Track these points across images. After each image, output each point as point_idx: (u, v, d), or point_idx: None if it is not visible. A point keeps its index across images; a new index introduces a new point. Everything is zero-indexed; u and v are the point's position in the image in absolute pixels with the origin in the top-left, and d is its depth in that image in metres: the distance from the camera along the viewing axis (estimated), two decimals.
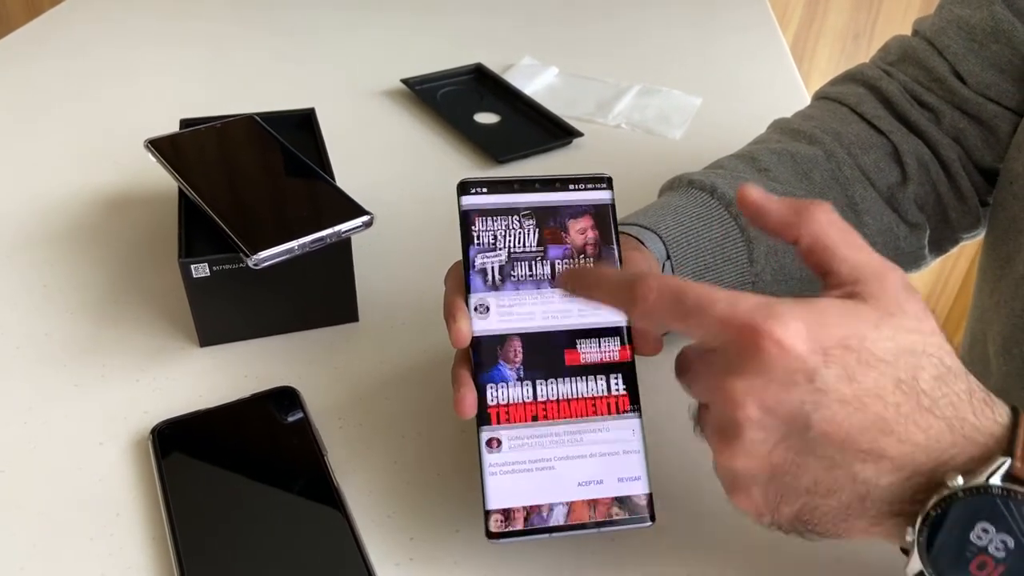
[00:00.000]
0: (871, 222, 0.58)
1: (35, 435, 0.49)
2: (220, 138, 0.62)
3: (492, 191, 0.44)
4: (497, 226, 0.44)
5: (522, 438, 0.41)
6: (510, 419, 0.41)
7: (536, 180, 0.45)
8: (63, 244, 0.65)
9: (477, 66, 0.94)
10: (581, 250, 0.44)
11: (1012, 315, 0.56)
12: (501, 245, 0.44)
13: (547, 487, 0.40)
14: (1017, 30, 0.57)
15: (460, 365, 0.43)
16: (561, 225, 0.44)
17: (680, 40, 1.08)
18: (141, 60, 0.96)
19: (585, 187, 0.45)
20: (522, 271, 0.44)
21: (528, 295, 0.43)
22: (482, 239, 0.44)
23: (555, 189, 0.45)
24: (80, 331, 0.57)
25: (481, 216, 0.44)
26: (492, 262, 0.44)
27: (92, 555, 0.43)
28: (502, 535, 0.39)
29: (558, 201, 0.45)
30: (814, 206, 0.35)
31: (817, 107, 0.65)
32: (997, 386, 0.59)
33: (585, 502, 0.40)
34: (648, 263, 0.50)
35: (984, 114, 0.59)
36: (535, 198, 0.45)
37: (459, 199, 0.44)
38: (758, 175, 0.58)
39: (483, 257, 0.44)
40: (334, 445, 0.49)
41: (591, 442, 0.41)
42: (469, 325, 0.42)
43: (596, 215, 0.45)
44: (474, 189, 0.44)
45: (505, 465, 0.40)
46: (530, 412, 0.41)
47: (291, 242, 0.50)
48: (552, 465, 0.41)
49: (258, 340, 0.56)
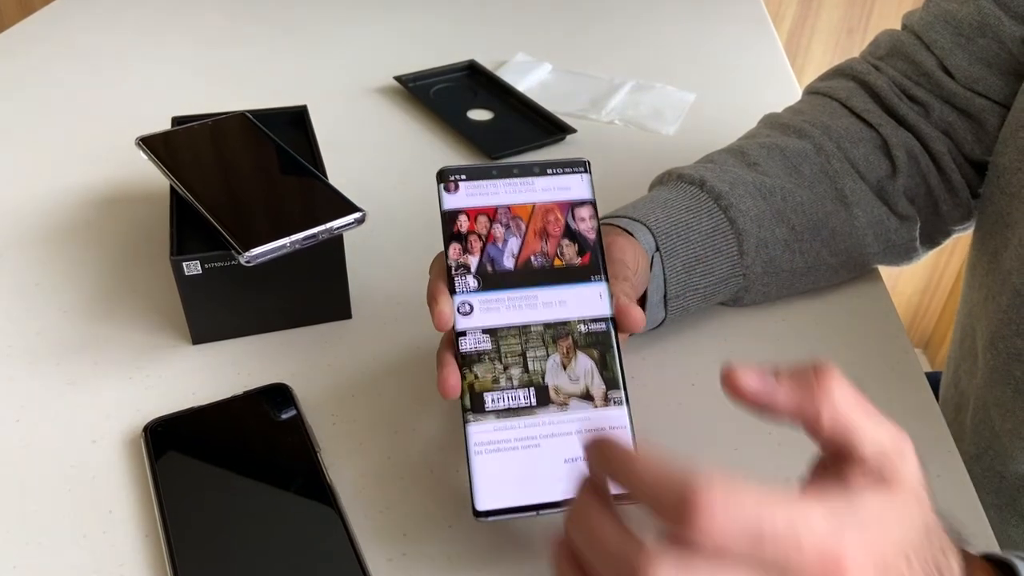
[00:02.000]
0: (861, 214, 0.58)
1: (28, 433, 0.49)
2: (212, 136, 0.62)
3: (471, 177, 0.45)
4: (479, 223, 0.44)
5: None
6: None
7: (514, 166, 0.46)
8: (55, 242, 0.65)
9: (470, 63, 0.94)
10: (560, 239, 0.45)
11: (998, 310, 0.56)
12: (482, 238, 0.44)
13: (533, 465, 0.40)
14: (1003, 24, 0.57)
15: (445, 348, 0.43)
16: (542, 214, 0.45)
17: (673, 36, 1.08)
18: (133, 58, 0.95)
19: (563, 171, 0.46)
20: (504, 265, 0.44)
21: (509, 292, 0.43)
22: (463, 234, 0.44)
23: (533, 174, 0.46)
24: (72, 329, 0.57)
25: (462, 213, 0.45)
26: (473, 257, 0.44)
27: (85, 553, 0.43)
28: (488, 513, 0.39)
29: (536, 189, 0.45)
30: (826, 380, 0.31)
31: (807, 102, 0.66)
32: (983, 380, 0.59)
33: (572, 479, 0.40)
34: (634, 251, 0.50)
35: (972, 108, 0.59)
36: (513, 184, 0.45)
37: (439, 188, 0.45)
38: (748, 169, 0.58)
39: (465, 252, 0.44)
40: (327, 441, 0.49)
41: (577, 420, 0.41)
42: (451, 308, 0.43)
43: (574, 201, 0.45)
44: (453, 176, 0.45)
45: (490, 444, 0.40)
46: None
47: (283, 239, 0.50)
48: (537, 443, 0.40)
49: (251, 337, 0.56)
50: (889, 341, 0.59)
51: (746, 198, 0.55)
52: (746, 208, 0.55)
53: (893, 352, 0.58)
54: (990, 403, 0.59)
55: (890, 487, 0.30)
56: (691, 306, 0.55)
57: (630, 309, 0.43)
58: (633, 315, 0.43)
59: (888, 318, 0.61)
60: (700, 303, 0.56)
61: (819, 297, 0.62)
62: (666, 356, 0.56)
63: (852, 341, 0.59)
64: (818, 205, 0.57)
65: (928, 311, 1.93)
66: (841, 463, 0.31)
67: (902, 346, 0.58)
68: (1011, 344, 0.55)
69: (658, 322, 0.54)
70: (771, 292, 0.59)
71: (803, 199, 0.57)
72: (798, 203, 0.57)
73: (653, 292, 0.53)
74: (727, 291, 0.57)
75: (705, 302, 0.56)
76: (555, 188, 0.46)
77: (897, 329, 0.60)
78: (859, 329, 0.60)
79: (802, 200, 0.57)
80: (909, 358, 0.57)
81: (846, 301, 0.62)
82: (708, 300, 0.56)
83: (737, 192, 0.55)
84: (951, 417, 0.63)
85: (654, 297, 0.53)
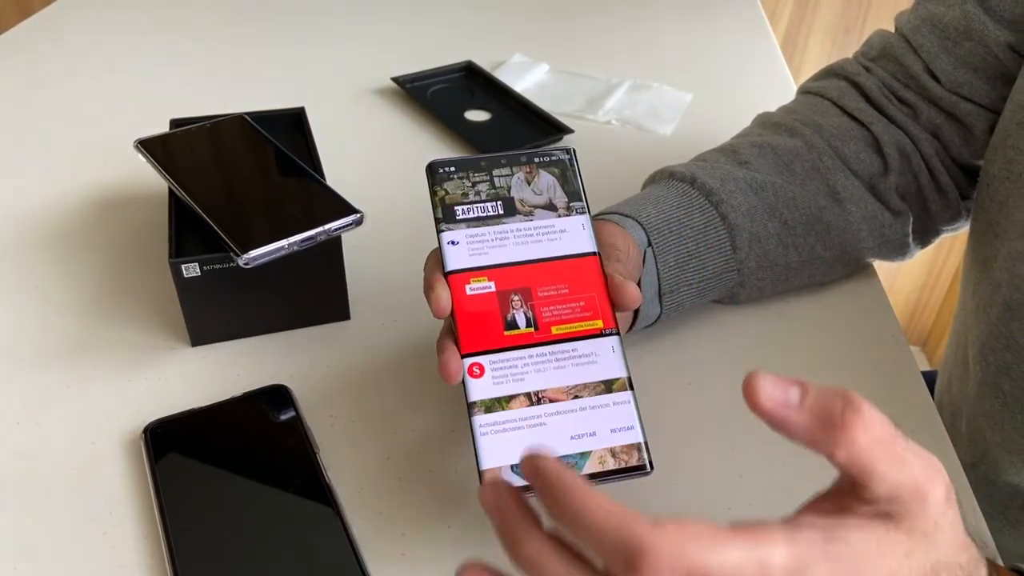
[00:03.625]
0: (855, 210, 0.59)
1: (28, 435, 0.50)
2: (210, 138, 0.62)
3: (460, 169, 0.46)
4: (470, 210, 0.45)
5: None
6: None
7: (502, 156, 0.46)
8: (54, 245, 0.65)
9: (467, 63, 0.94)
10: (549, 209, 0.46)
11: (988, 321, 0.57)
12: (473, 222, 0.45)
13: (538, 443, 0.40)
14: (988, 29, 0.57)
15: (444, 336, 0.43)
16: (528, 188, 0.46)
17: (670, 36, 1.09)
18: (131, 60, 0.96)
19: (549, 159, 0.47)
20: (494, 245, 0.45)
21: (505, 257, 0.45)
22: (455, 219, 0.45)
23: (520, 164, 0.46)
24: (72, 331, 0.57)
25: (453, 202, 0.45)
26: (465, 237, 0.45)
27: (85, 554, 0.43)
28: None
29: (520, 173, 0.46)
30: (852, 423, 0.28)
31: (800, 101, 0.66)
32: (974, 391, 0.59)
33: (579, 455, 0.40)
34: (625, 238, 0.50)
35: (958, 111, 0.60)
36: (502, 173, 0.46)
37: (429, 181, 0.46)
38: (739, 167, 0.58)
39: (456, 235, 0.45)
40: (326, 442, 0.49)
41: (582, 406, 0.41)
42: (448, 294, 0.43)
43: (560, 175, 0.47)
44: (442, 169, 0.46)
45: (495, 424, 0.40)
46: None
47: (281, 241, 0.50)
48: (543, 421, 0.41)
49: (249, 339, 0.57)
50: (885, 341, 0.59)
51: (737, 194, 0.56)
52: (737, 203, 0.55)
53: (889, 352, 0.58)
54: (980, 414, 0.59)
55: (891, 524, 0.29)
56: (685, 301, 0.55)
57: (625, 285, 0.43)
58: (629, 291, 0.43)
59: (885, 318, 0.61)
60: (695, 298, 0.56)
61: (815, 296, 0.62)
62: (662, 355, 0.56)
63: (848, 341, 0.59)
64: (810, 201, 0.58)
65: (927, 308, 1.93)
66: (852, 493, 0.30)
67: (899, 346, 0.59)
68: (1000, 357, 0.55)
69: (653, 319, 0.55)
70: (766, 288, 0.59)
71: (795, 195, 0.57)
72: (790, 198, 0.57)
73: (647, 288, 0.53)
74: (722, 287, 0.57)
75: (700, 297, 0.56)
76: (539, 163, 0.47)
77: (894, 329, 0.60)
78: (855, 328, 0.60)
79: (794, 196, 0.57)
80: (906, 358, 0.57)
81: (842, 300, 0.62)
82: (703, 296, 0.56)
83: (728, 188, 0.56)
84: (948, 423, 0.64)
85: (648, 293, 0.53)
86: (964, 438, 0.62)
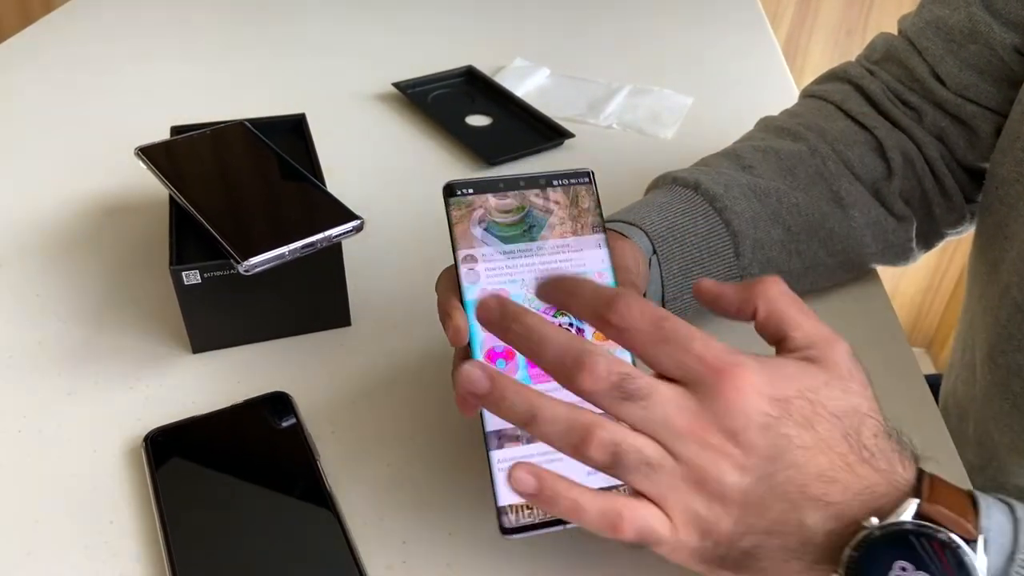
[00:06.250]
0: (858, 215, 0.58)
1: (29, 443, 0.50)
2: (211, 145, 0.62)
3: (478, 191, 0.45)
4: (487, 232, 0.44)
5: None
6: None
7: (520, 178, 0.46)
8: (55, 253, 0.65)
9: (468, 68, 0.94)
10: (564, 239, 0.45)
11: (997, 324, 0.56)
12: (490, 244, 0.44)
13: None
14: (993, 31, 0.57)
15: (460, 361, 0.43)
16: (547, 214, 0.45)
17: (671, 40, 1.09)
18: (132, 67, 0.96)
19: (568, 182, 0.46)
20: (514, 269, 0.44)
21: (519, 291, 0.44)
22: (471, 241, 0.44)
23: (539, 186, 0.46)
24: (73, 339, 0.57)
25: (470, 221, 0.44)
26: (482, 265, 0.44)
27: (86, 562, 0.43)
28: (516, 530, 0.39)
29: (539, 194, 0.46)
30: (764, 281, 0.38)
31: (803, 105, 0.66)
32: (982, 393, 0.59)
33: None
34: (634, 254, 0.50)
35: (963, 114, 0.59)
36: (518, 195, 0.46)
37: (446, 202, 0.45)
38: (742, 172, 0.58)
39: (473, 260, 0.44)
40: (327, 450, 0.49)
41: None
42: (466, 322, 0.42)
43: (579, 196, 0.46)
44: (460, 191, 0.45)
45: (513, 460, 0.40)
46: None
47: (282, 248, 0.50)
48: (560, 456, 0.41)
49: (250, 346, 0.57)
50: (887, 343, 0.59)
51: (741, 200, 0.55)
52: (741, 210, 0.55)
53: (892, 354, 0.58)
54: (988, 416, 0.59)
55: (815, 364, 0.35)
56: (689, 308, 0.55)
57: None
58: None
59: (888, 322, 0.61)
60: (698, 305, 0.56)
61: (818, 300, 0.62)
62: None
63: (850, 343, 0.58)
64: (814, 206, 0.57)
65: (931, 311, 1.93)
66: (780, 352, 0.37)
67: (901, 348, 0.58)
68: (1011, 359, 0.55)
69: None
70: None
71: (798, 200, 0.57)
72: (793, 204, 0.57)
73: (651, 296, 0.53)
74: None
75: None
76: (559, 189, 0.46)
77: (897, 332, 0.60)
78: (857, 331, 0.59)
79: (797, 201, 0.57)
80: (908, 361, 0.57)
81: (845, 304, 0.62)
82: None
83: (732, 194, 0.55)
84: (954, 426, 0.63)
85: (652, 300, 0.53)
86: (971, 441, 0.62)
